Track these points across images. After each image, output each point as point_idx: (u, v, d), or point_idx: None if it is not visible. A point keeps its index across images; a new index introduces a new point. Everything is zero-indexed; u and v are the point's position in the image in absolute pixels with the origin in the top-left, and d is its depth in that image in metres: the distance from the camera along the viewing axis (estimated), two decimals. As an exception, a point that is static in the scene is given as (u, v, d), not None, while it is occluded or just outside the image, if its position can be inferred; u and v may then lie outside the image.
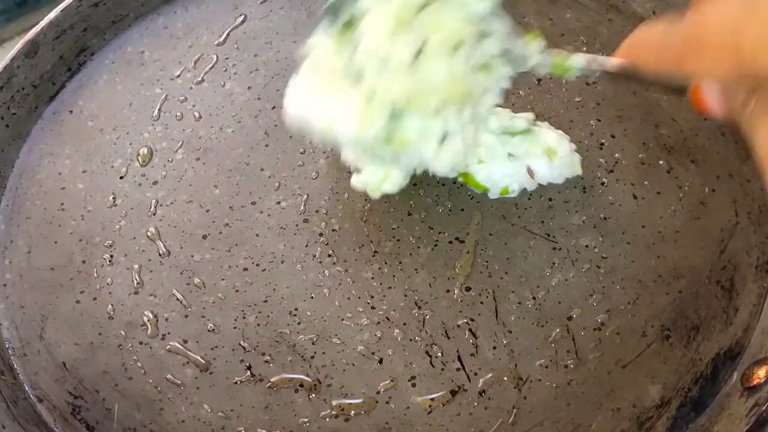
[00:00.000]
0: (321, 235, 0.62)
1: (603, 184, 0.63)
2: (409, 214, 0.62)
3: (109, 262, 0.62)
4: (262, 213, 0.63)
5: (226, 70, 0.71)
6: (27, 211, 0.65)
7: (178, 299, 0.60)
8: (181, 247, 0.62)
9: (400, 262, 0.60)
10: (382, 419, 0.55)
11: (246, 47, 0.72)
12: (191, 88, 0.70)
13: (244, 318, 0.59)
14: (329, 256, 0.61)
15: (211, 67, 0.71)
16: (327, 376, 0.56)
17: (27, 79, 0.69)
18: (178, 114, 0.69)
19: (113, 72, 0.72)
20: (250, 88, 0.70)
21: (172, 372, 0.57)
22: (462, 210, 0.62)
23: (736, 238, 0.60)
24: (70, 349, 0.59)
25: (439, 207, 0.62)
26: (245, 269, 0.61)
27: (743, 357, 0.56)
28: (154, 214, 0.64)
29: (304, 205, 0.63)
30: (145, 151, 0.67)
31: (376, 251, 0.61)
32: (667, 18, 0.41)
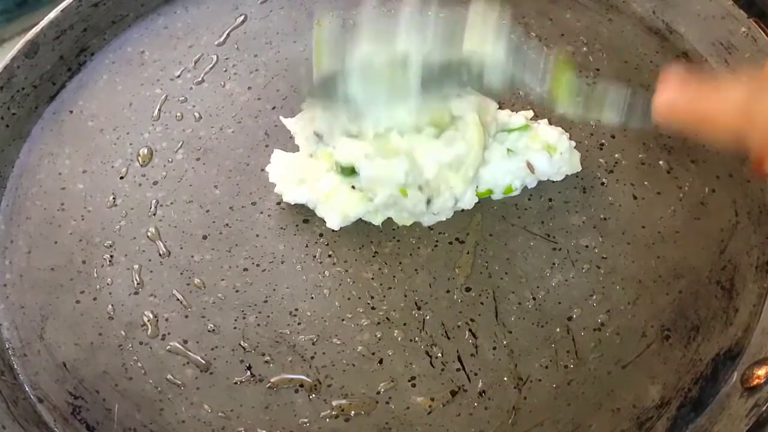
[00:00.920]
0: (321, 235, 0.62)
1: (603, 184, 0.63)
2: (409, 215, 0.62)
3: (109, 262, 0.62)
4: (262, 213, 0.63)
5: (226, 71, 0.71)
6: (27, 211, 0.65)
7: (178, 299, 0.60)
8: (181, 248, 0.62)
9: (400, 263, 0.60)
10: (382, 419, 0.55)
11: (246, 47, 0.72)
12: (191, 89, 0.70)
13: (244, 318, 0.59)
14: (329, 256, 0.61)
15: (211, 68, 0.71)
16: (327, 377, 0.56)
17: (27, 79, 0.69)
18: (179, 114, 0.69)
19: (113, 72, 0.72)
20: (250, 88, 0.70)
21: (172, 372, 0.57)
22: (462, 210, 0.62)
23: (736, 238, 0.60)
24: (70, 350, 0.59)
25: (439, 207, 0.62)
26: (245, 269, 0.61)
27: (743, 357, 0.56)
28: (155, 215, 0.64)
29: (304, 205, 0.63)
30: (145, 151, 0.67)
31: (376, 252, 0.61)
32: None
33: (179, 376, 0.57)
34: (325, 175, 0.60)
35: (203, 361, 0.58)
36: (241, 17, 0.74)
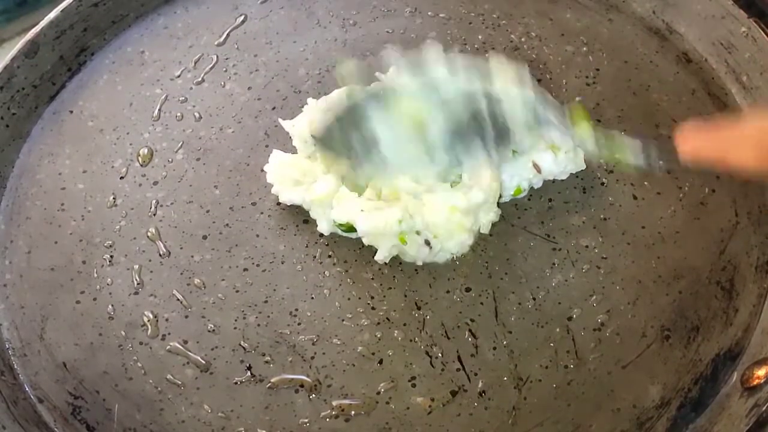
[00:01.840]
0: (321, 235, 0.62)
1: (603, 184, 0.63)
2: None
3: (110, 262, 0.62)
4: (262, 214, 0.63)
5: (226, 71, 0.71)
6: (27, 211, 0.65)
7: (179, 299, 0.60)
8: (181, 248, 0.62)
9: (400, 263, 0.60)
10: (382, 419, 0.55)
11: (246, 47, 0.72)
12: (191, 89, 0.70)
13: (245, 318, 0.59)
14: (329, 256, 0.61)
15: (211, 68, 0.71)
16: (327, 377, 0.56)
17: (27, 79, 0.69)
18: (179, 114, 0.69)
19: (113, 72, 0.72)
20: (250, 88, 0.70)
21: (172, 372, 0.57)
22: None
23: (736, 238, 0.60)
24: (70, 350, 0.59)
25: (439, 207, 0.62)
26: (245, 270, 0.61)
27: (743, 357, 0.56)
28: (155, 215, 0.64)
29: (305, 205, 0.63)
30: (146, 151, 0.67)
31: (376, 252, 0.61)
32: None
33: (179, 376, 0.57)
34: (321, 177, 0.60)
35: (203, 361, 0.58)
36: (241, 17, 0.74)
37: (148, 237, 0.63)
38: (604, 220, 0.61)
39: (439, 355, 0.57)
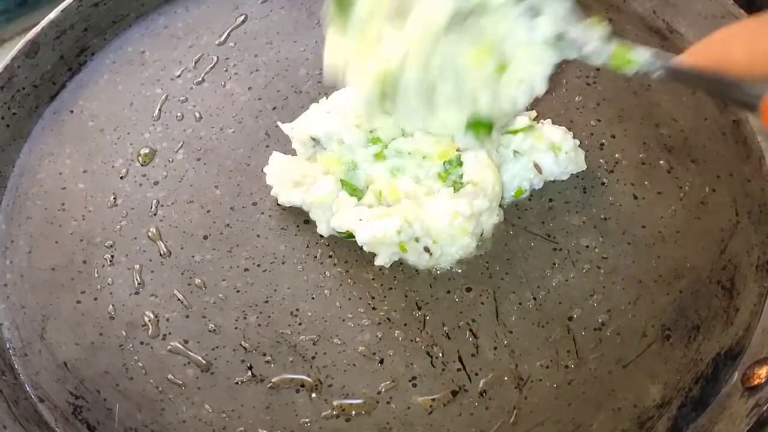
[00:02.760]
0: (322, 236, 0.61)
1: (603, 184, 0.63)
2: (410, 215, 0.62)
3: (110, 262, 0.62)
4: (263, 214, 0.63)
5: (226, 71, 0.71)
6: (28, 210, 0.65)
7: (179, 299, 0.60)
8: (182, 248, 0.62)
9: (401, 264, 0.60)
10: (383, 419, 0.55)
11: (246, 47, 0.72)
12: (192, 89, 0.70)
13: (245, 318, 0.59)
14: (330, 257, 0.61)
15: (211, 68, 0.71)
16: (328, 377, 0.56)
17: (27, 79, 0.69)
18: (179, 114, 0.69)
19: (114, 72, 0.72)
20: (250, 88, 0.70)
21: (173, 372, 0.57)
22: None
23: (737, 237, 0.60)
24: (71, 349, 0.59)
25: (439, 207, 0.62)
26: (246, 270, 0.61)
27: (744, 357, 0.56)
28: (155, 215, 0.64)
29: (305, 205, 0.63)
30: (146, 151, 0.67)
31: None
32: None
33: (180, 376, 0.57)
34: (321, 179, 0.60)
35: (204, 361, 0.58)
36: (242, 17, 0.74)
37: (148, 237, 0.63)
38: (605, 219, 0.62)
39: (440, 355, 0.57)
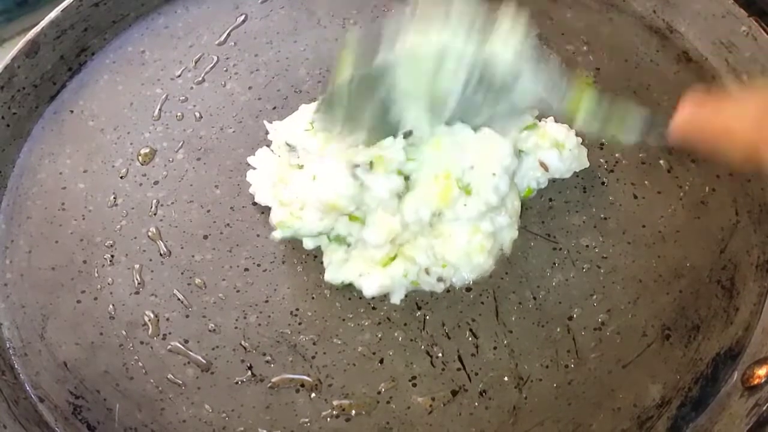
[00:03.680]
0: (322, 235, 0.62)
1: (603, 184, 0.63)
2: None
3: (110, 262, 0.62)
4: (263, 213, 0.63)
5: (226, 70, 0.71)
6: (28, 210, 0.65)
7: (179, 299, 0.60)
8: (182, 247, 0.62)
9: (401, 262, 0.60)
10: (383, 419, 0.55)
11: (247, 47, 0.72)
12: (192, 88, 0.70)
13: (245, 318, 0.59)
14: (330, 256, 0.61)
15: (211, 67, 0.71)
16: (328, 376, 0.56)
17: (28, 78, 0.69)
18: (179, 114, 0.69)
19: (114, 72, 0.72)
20: (250, 88, 0.70)
21: (173, 372, 0.57)
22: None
23: (737, 237, 0.60)
24: (71, 349, 0.59)
25: (439, 207, 0.62)
26: (246, 269, 0.61)
27: (744, 357, 0.56)
28: (155, 214, 0.64)
29: (305, 205, 0.63)
30: (146, 150, 0.67)
31: (376, 251, 0.61)
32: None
33: (180, 375, 0.57)
34: (294, 187, 0.59)
35: (204, 361, 0.58)
36: (242, 17, 0.74)
37: (148, 236, 0.63)
38: (605, 219, 0.62)
39: (440, 354, 0.57)
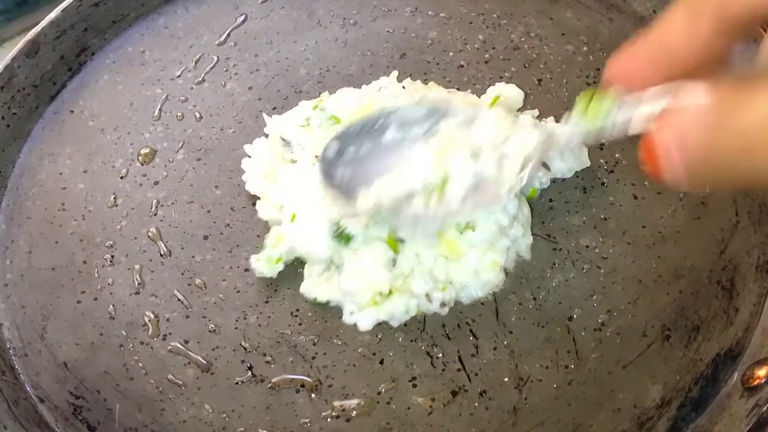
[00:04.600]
0: (322, 235, 0.61)
1: (603, 184, 0.63)
2: (410, 215, 0.62)
3: (110, 262, 0.62)
4: (263, 213, 0.63)
5: (226, 70, 0.71)
6: (28, 211, 0.65)
7: (180, 300, 0.60)
8: (182, 248, 0.62)
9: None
10: (383, 420, 0.55)
11: (247, 47, 0.72)
12: (192, 88, 0.70)
13: (245, 318, 0.59)
14: (330, 256, 0.61)
15: (211, 67, 0.71)
16: (328, 377, 0.56)
17: (28, 78, 0.69)
18: (179, 114, 0.69)
19: (114, 72, 0.72)
20: (250, 88, 0.70)
21: (173, 372, 0.57)
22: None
23: (737, 238, 0.60)
24: (71, 350, 0.59)
25: (439, 207, 0.62)
26: (246, 270, 0.61)
27: (744, 357, 0.56)
28: (155, 215, 0.64)
29: (305, 205, 0.63)
30: (146, 151, 0.67)
31: (376, 251, 0.61)
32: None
33: (180, 376, 0.57)
34: (282, 188, 0.60)
35: (204, 362, 0.58)
36: (242, 17, 0.74)
37: (149, 237, 0.63)
38: (605, 219, 0.62)
39: (440, 355, 0.57)
